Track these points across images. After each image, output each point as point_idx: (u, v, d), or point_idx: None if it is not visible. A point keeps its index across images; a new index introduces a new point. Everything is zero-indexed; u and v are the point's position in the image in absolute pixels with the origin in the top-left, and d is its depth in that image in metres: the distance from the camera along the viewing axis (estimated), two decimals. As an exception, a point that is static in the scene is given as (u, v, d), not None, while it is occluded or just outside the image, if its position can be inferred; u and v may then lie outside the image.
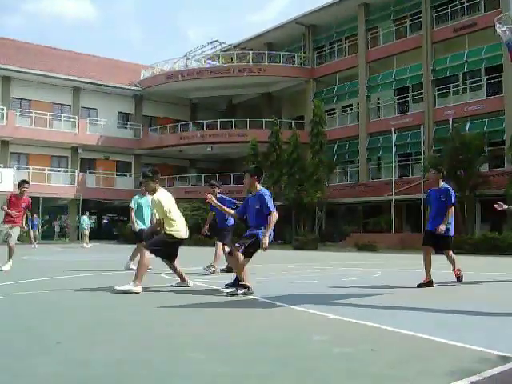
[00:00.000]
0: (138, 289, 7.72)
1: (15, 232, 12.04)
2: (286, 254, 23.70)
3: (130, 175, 49.82)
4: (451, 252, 9.28)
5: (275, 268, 8.90)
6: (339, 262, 17.30)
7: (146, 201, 12.02)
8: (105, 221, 53.15)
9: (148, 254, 7.86)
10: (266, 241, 7.59)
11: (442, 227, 8.82)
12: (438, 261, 9.86)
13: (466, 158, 29.35)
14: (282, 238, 35.75)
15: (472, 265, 15.19)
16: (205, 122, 47.96)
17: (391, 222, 33.05)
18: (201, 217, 40.30)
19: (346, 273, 12.35)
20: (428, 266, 8.94)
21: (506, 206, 10.01)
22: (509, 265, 10.65)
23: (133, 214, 12.10)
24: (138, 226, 12.11)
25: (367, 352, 4.19)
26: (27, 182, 12.48)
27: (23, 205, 12.14)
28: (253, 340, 4.68)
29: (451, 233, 9.15)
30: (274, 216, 7.75)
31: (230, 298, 7.35)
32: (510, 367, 3.69)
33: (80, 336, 4.83)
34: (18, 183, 12.56)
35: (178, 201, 38.06)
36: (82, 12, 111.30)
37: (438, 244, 9.21)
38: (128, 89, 49.38)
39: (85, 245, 30.85)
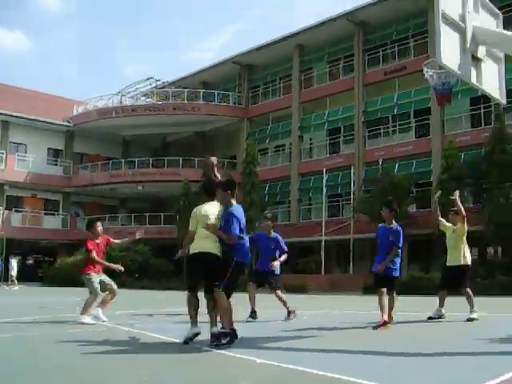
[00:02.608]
0: None
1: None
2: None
3: (58, 214, 48.46)
4: (395, 294, 9.18)
5: (200, 311, 8.48)
6: (268, 303, 16.77)
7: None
8: (29, 261, 50.98)
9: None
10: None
11: (381, 267, 8.84)
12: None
13: (395, 199, 29.51)
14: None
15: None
16: (137, 160, 47.34)
17: (321, 263, 32.91)
18: (130, 257, 39.31)
19: (274, 315, 11.88)
20: (384, 307, 8.81)
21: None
22: (434, 304, 10.64)
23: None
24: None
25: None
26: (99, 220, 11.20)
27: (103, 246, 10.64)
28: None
29: (397, 273, 9.12)
30: (233, 239, 6.79)
31: (154, 341, 7.13)
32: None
33: None
34: (87, 224, 11.09)
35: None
36: (14, 43, 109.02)
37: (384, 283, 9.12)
38: (59, 124, 48.36)
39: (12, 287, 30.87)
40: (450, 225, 10.63)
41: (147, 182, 44.88)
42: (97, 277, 10.20)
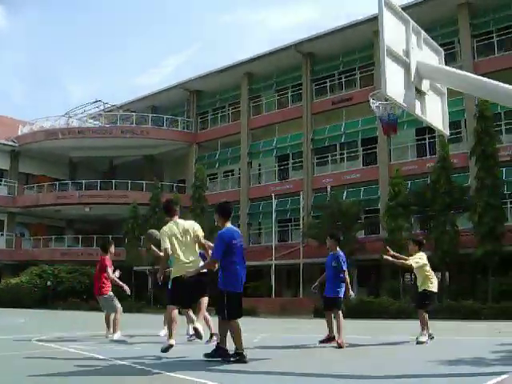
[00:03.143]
0: None
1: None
2: (162, 318, 22.91)
3: (3, 234, 47.28)
4: (340, 313, 9.61)
5: (151, 332, 8.61)
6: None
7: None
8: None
9: None
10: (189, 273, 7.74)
11: (351, 293, 9.94)
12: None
13: (344, 225, 30.03)
14: (162, 303, 34.80)
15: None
16: (84, 181, 46.84)
17: (271, 287, 33.05)
18: (77, 280, 38.68)
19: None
20: (330, 324, 9.74)
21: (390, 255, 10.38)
22: (384, 328, 10.80)
23: None
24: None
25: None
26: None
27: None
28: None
29: (340, 294, 9.63)
30: (213, 263, 7.73)
31: (103, 365, 6.98)
32: None
33: None
34: (104, 244, 11.44)
35: (53, 263, 36.18)
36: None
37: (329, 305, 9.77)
38: (4, 144, 47.32)
39: None
40: (412, 260, 10.47)
41: (95, 204, 44.43)
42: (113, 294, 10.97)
